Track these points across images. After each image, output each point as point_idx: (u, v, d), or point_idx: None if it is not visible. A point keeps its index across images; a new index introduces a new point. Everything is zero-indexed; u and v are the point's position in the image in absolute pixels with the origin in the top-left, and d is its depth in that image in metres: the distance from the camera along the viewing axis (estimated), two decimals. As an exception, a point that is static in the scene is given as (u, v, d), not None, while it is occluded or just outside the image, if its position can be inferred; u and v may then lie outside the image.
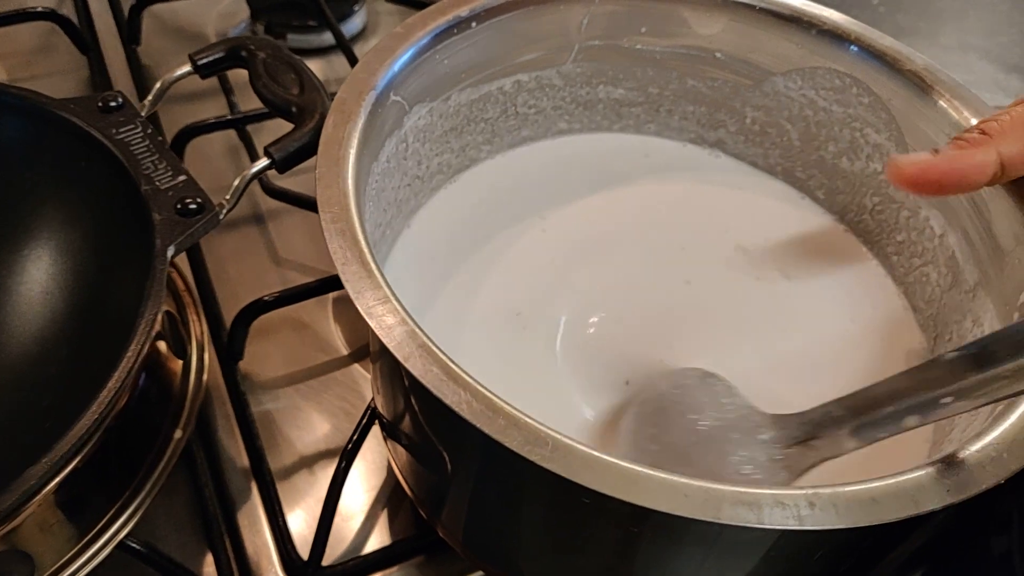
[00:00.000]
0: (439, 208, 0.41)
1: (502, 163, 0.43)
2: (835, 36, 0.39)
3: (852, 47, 0.39)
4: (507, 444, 0.23)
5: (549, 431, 0.24)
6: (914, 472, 0.24)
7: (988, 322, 0.33)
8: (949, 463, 0.25)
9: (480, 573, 0.38)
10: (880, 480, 0.24)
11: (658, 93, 0.44)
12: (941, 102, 0.36)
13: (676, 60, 0.42)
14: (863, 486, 0.24)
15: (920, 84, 0.37)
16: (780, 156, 0.44)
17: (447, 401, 0.24)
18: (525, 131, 0.44)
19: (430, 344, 0.25)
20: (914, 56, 0.38)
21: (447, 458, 0.30)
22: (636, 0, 0.40)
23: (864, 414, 0.27)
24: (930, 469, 0.24)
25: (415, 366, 0.25)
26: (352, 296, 0.27)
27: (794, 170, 0.44)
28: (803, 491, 0.23)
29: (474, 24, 0.37)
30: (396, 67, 0.35)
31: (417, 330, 0.26)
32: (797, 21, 0.40)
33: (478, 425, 0.24)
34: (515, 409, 0.24)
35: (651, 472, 0.23)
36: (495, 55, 0.40)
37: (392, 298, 0.27)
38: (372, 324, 0.26)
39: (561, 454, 0.23)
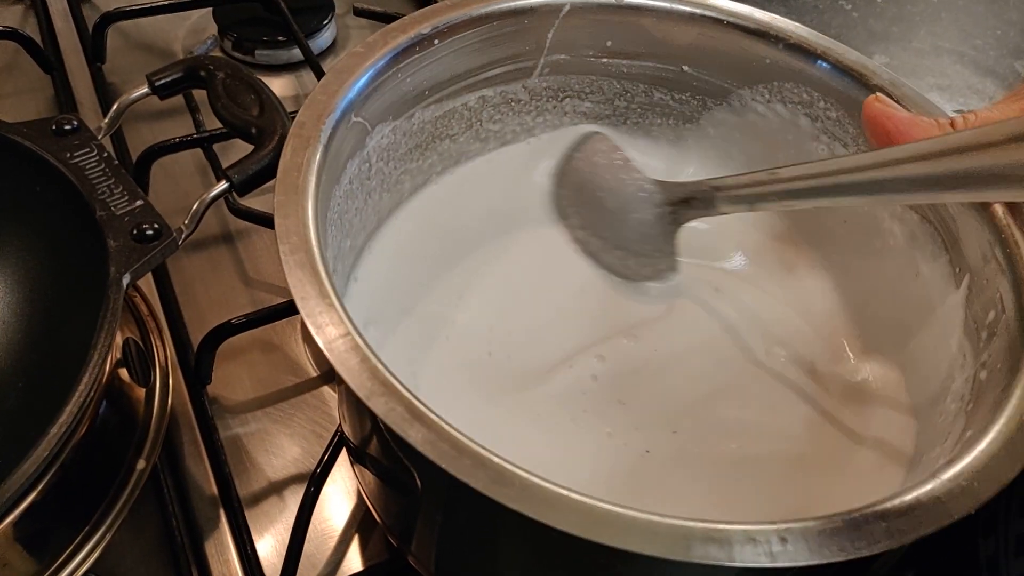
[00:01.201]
0: (403, 224, 0.41)
1: (465, 177, 0.43)
2: (802, 50, 0.39)
3: (819, 61, 0.39)
4: (473, 485, 0.23)
5: (516, 470, 0.23)
6: (885, 504, 0.24)
7: (956, 341, 0.33)
8: (921, 493, 0.24)
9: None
10: (850, 514, 0.23)
11: (625, 107, 0.43)
12: None
13: (643, 74, 0.42)
14: (834, 520, 0.23)
15: None
16: (748, 168, 0.43)
17: (410, 440, 0.23)
18: (490, 145, 0.43)
19: (393, 381, 0.25)
20: (880, 71, 0.38)
21: (414, 489, 0.30)
22: (601, 14, 0.40)
23: (723, 191, 0.36)
24: (901, 500, 0.24)
25: (377, 405, 0.24)
26: (312, 331, 0.26)
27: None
28: (774, 526, 0.23)
29: (436, 41, 0.37)
30: (356, 88, 0.34)
31: (380, 366, 0.25)
32: (764, 35, 0.39)
33: (443, 465, 0.23)
34: (480, 447, 0.23)
35: (619, 511, 0.23)
36: (459, 72, 0.39)
37: (354, 332, 0.26)
38: (333, 360, 0.25)
39: (528, 494, 0.23)
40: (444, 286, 0.38)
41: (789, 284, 0.41)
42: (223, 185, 0.35)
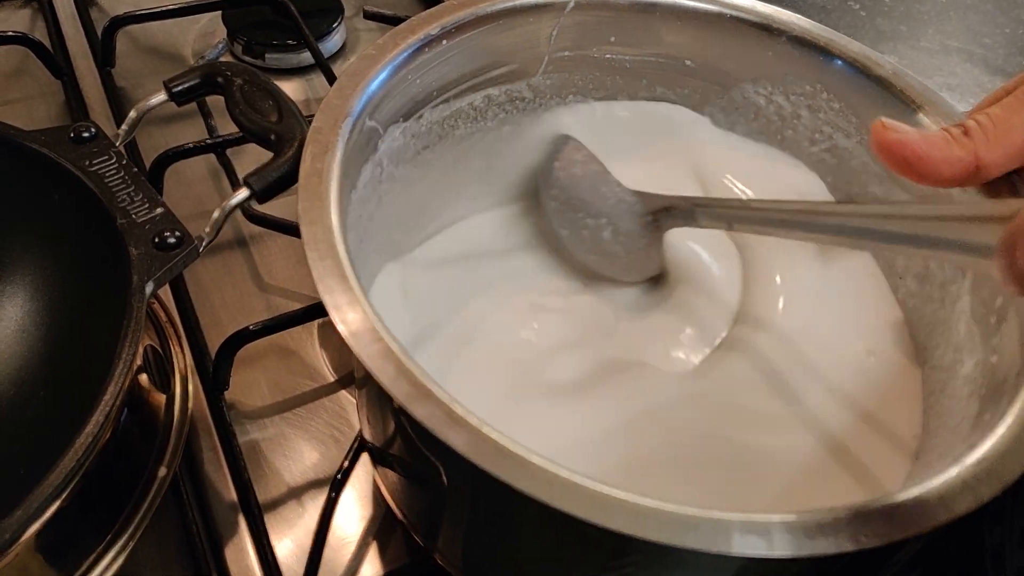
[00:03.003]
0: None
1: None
2: (804, 42, 0.39)
3: (821, 53, 0.39)
4: (516, 486, 0.23)
5: (557, 469, 0.23)
6: (914, 490, 0.24)
7: (964, 325, 0.34)
8: (946, 479, 0.25)
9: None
10: (881, 501, 0.24)
11: (629, 101, 0.43)
12: (910, 106, 0.37)
13: (646, 68, 0.42)
14: (865, 507, 0.24)
15: (889, 89, 0.38)
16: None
17: (452, 444, 0.24)
18: (498, 145, 0.43)
19: (430, 386, 0.25)
20: (882, 61, 0.38)
21: (440, 487, 0.30)
22: (605, 10, 0.40)
23: (701, 208, 0.37)
24: (930, 485, 0.24)
25: (417, 409, 0.24)
26: (346, 338, 0.26)
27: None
28: (810, 515, 0.23)
29: (444, 42, 0.37)
30: (369, 91, 0.34)
31: (416, 371, 0.25)
32: (766, 28, 0.40)
33: (485, 467, 0.23)
34: (521, 448, 0.24)
35: (660, 507, 0.23)
36: (465, 71, 0.39)
37: (387, 338, 0.26)
38: (370, 367, 0.25)
39: (571, 493, 0.23)
40: (463, 278, 0.39)
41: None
42: (244, 193, 0.35)
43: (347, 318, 0.26)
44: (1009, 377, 0.29)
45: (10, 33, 0.58)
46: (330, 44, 0.63)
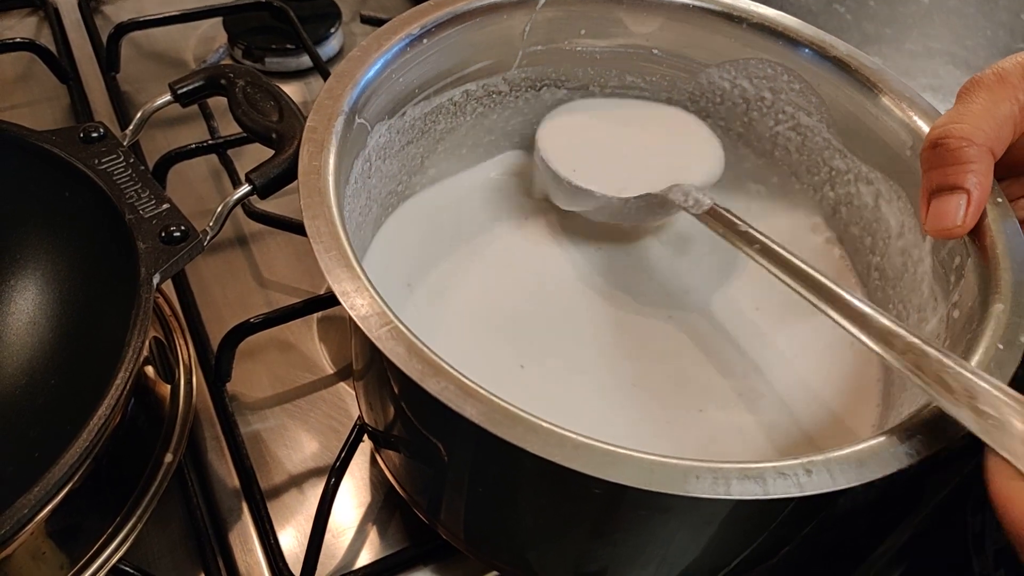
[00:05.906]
0: (403, 221, 0.42)
1: (455, 174, 0.45)
2: (764, 28, 0.41)
3: (780, 38, 0.41)
4: (530, 449, 0.24)
5: (566, 432, 0.25)
6: (890, 433, 0.26)
7: (927, 286, 0.36)
8: (917, 422, 0.27)
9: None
10: (862, 443, 0.26)
11: (599, 91, 0.45)
12: (864, 84, 0.39)
13: (615, 59, 0.44)
14: (850, 450, 0.26)
15: (846, 68, 0.40)
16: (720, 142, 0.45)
17: (467, 415, 0.25)
18: (476, 138, 0.45)
19: (441, 363, 0.26)
20: (837, 43, 0.41)
21: (443, 460, 0.31)
22: (575, 4, 0.42)
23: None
24: (903, 429, 0.26)
25: (431, 385, 0.26)
26: (357, 323, 0.27)
27: (734, 153, 0.46)
28: (799, 460, 0.25)
29: (424, 41, 0.39)
30: (357, 91, 0.36)
31: (426, 350, 0.27)
32: (728, 16, 0.42)
33: (499, 434, 0.25)
34: (530, 415, 0.25)
35: (664, 459, 0.25)
36: (445, 68, 0.41)
37: (396, 321, 0.27)
38: (383, 348, 0.26)
39: (581, 453, 0.25)
40: (444, 267, 0.41)
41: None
42: (246, 188, 0.36)
43: (356, 303, 0.27)
44: (970, 327, 0.30)
45: (17, 39, 0.59)
46: (328, 48, 0.64)
